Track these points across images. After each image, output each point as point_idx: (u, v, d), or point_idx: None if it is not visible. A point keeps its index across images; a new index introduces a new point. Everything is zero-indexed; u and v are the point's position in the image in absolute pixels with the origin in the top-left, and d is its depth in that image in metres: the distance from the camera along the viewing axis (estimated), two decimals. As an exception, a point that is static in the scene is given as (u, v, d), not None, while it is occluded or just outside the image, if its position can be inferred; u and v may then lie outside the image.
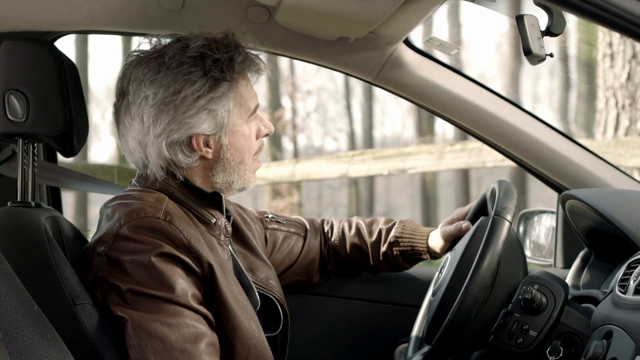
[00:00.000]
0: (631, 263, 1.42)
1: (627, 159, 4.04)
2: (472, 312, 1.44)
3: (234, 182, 1.57)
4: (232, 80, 1.51)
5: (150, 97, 1.48)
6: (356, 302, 2.07)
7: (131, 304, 1.39)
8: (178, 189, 1.53)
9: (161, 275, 1.39)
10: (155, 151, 1.50)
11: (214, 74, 1.49)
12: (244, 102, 1.55)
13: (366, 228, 1.92)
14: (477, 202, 1.81)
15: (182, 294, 1.40)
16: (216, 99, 1.49)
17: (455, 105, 2.03)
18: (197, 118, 1.48)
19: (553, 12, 1.35)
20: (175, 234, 1.43)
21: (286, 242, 1.88)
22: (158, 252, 1.40)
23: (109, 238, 1.43)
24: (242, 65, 1.53)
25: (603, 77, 4.49)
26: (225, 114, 1.51)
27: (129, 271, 1.39)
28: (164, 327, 1.36)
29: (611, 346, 1.28)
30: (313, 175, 5.52)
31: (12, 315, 1.11)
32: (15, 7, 1.73)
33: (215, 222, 1.56)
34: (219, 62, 1.50)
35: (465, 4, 1.67)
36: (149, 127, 1.49)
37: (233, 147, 1.54)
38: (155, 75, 1.48)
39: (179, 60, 1.48)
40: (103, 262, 1.42)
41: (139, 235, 1.41)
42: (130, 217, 1.43)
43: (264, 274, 1.68)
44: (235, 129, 1.54)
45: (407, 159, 4.94)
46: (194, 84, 1.47)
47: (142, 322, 1.37)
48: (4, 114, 1.53)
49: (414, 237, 1.88)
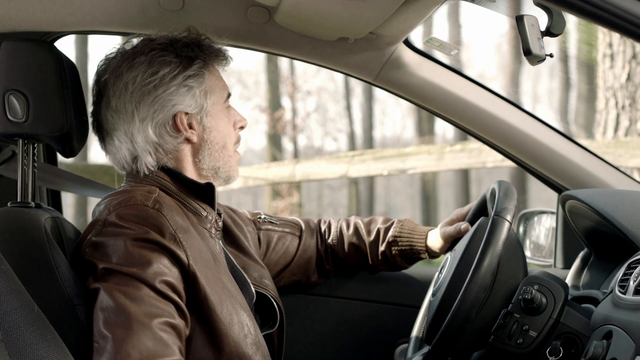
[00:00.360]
0: (631, 263, 1.42)
1: (627, 159, 4.04)
2: (472, 312, 1.44)
3: (220, 169, 1.59)
4: (204, 61, 1.56)
5: (129, 83, 1.52)
6: (356, 302, 2.07)
7: (102, 279, 1.38)
8: (170, 182, 1.54)
9: (136, 256, 1.38)
10: (142, 137, 1.52)
11: (185, 53, 1.54)
12: (219, 87, 1.59)
13: (364, 227, 1.92)
14: (477, 203, 1.81)
15: (153, 276, 1.37)
16: (192, 76, 1.54)
17: (455, 105, 2.03)
18: (177, 94, 1.52)
19: (553, 13, 1.35)
20: (162, 222, 1.43)
21: (280, 242, 1.88)
22: (139, 236, 1.39)
23: (98, 225, 1.44)
24: (210, 50, 1.59)
25: (603, 77, 4.49)
26: (203, 94, 1.55)
27: (108, 251, 1.39)
28: (127, 299, 1.34)
29: (611, 346, 1.28)
30: (313, 175, 5.52)
31: (12, 316, 1.11)
32: (15, 7, 1.74)
33: (206, 215, 1.57)
34: (188, 45, 1.56)
35: (465, 5, 1.67)
36: (132, 112, 1.52)
37: (215, 129, 1.58)
38: (131, 62, 1.53)
39: (150, 47, 1.54)
40: (89, 247, 1.42)
41: (124, 221, 1.41)
42: (119, 205, 1.44)
43: (257, 273, 1.68)
44: (215, 112, 1.58)
45: (407, 159, 4.94)
46: (169, 64, 1.53)
47: (107, 292, 1.35)
48: (4, 114, 1.53)
49: (413, 236, 1.88)
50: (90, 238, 1.43)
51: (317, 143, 16.19)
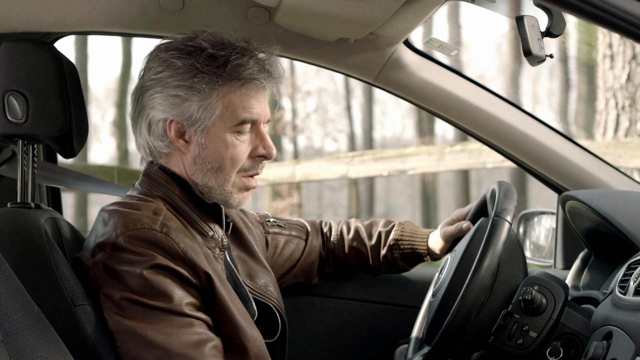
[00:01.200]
0: (631, 264, 1.42)
1: (627, 159, 4.04)
2: (472, 313, 1.44)
3: (213, 189, 1.53)
4: (219, 79, 1.48)
5: (145, 75, 1.53)
6: (356, 303, 2.07)
7: (127, 312, 1.38)
8: (179, 197, 1.52)
9: (156, 285, 1.38)
10: (144, 132, 1.53)
11: (200, 67, 1.48)
12: (232, 109, 1.50)
13: (365, 231, 1.92)
14: (477, 203, 1.81)
15: (179, 302, 1.39)
16: (192, 89, 1.48)
17: (455, 106, 2.03)
18: (165, 101, 1.49)
19: (553, 13, 1.35)
20: (171, 246, 1.41)
21: (287, 246, 1.88)
22: (152, 264, 1.39)
23: (107, 247, 1.41)
24: (237, 70, 1.49)
25: (603, 78, 4.49)
26: (201, 109, 1.48)
27: (126, 281, 1.38)
28: (164, 335, 1.36)
29: (611, 347, 1.28)
30: (313, 176, 5.52)
31: (12, 317, 1.11)
32: (15, 8, 1.74)
33: (212, 235, 1.55)
34: (212, 58, 1.49)
35: (465, 5, 1.67)
36: (142, 106, 1.53)
37: (209, 148, 1.51)
38: (157, 54, 1.52)
39: (178, 47, 1.50)
40: (100, 270, 1.41)
41: (134, 247, 1.40)
42: (127, 228, 1.42)
43: (262, 280, 1.68)
44: (215, 132, 1.50)
45: (407, 159, 4.94)
46: (178, 69, 1.48)
47: (141, 332, 1.36)
48: (4, 115, 1.53)
49: (414, 239, 1.88)
50: (101, 259, 1.41)
51: (317, 144, 16.19)
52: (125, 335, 1.37)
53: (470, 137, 2.15)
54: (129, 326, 1.37)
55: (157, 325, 1.36)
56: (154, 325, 1.36)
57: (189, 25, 1.82)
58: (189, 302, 1.40)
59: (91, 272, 1.42)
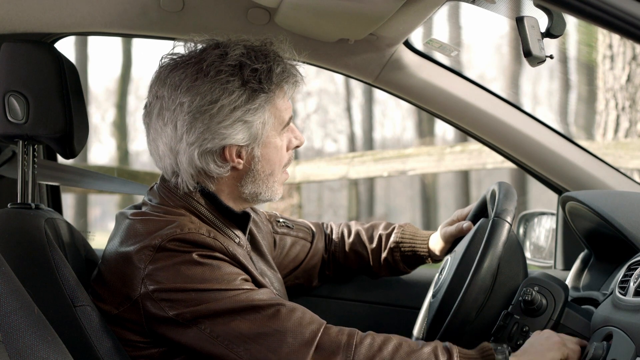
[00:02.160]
0: (631, 265, 1.42)
1: (627, 160, 4.04)
2: (472, 313, 1.44)
3: (261, 194, 1.55)
4: (270, 92, 1.48)
5: (185, 104, 1.44)
6: (356, 303, 2.07)
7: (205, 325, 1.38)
8: (205, 207, 1.51)
9: (213, 270, 1.40)
10: (187, 159, 1.46)
11: (252, 85, 1.46)
12: (279, 114, 1.52)
13: (366, 234, 1.92)
14: (477, 204, 1.81)
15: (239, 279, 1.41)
16: (253, 110, 1.46)
17: (455, 106, 2.03)
18: (232, 129, 1.45)
19: (553, 14, 1.35)
20: (221, 248, 1.43)
21: (294, 247, 1.88)
22: (202, 253, 1.40)
23: (149, 251, 1.40)
24: (280, 77, 1.50)
25: (603, 78, 4.49)
26: (260, 126, 1.48)
27: (184, 271, 1.38)
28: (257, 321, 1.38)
29: (611, 348, 1.28)
30: (313, 176, 5.51)
31: (12, 317, 1.11)
32: (15, 8, 1.74)
33: (239, 242, 1.55)
34: (257, 72, 1.47)
35: (465, 6, 1.67)
36: (182, 134, 1.45)
37: (264, 158, 1.52)
38: (192, 82, 1.45)
39: (217, 68, 1.45)
40: (147, 276, 1.39)
41: (181, 247, 1.40)
42: (174, 233, 1.41)
43: (270, 279, 1.69)
44: (269, 141, 1.51)
45: (407, 160, 4.94)
46: (231, 94, 1.44)
47: (232, 332, 1.38)
48: (4, 115, 1.53)
49: (415, 241, 1.88)
50: (147, 266, 1.40)
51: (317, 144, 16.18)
52: (216, 344, 1.38)
53: (470, 137, 2.15)
54: (217, 334, 1.38)
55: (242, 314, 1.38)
56: (240, 317, 1.38)
57: (189, 26, 1.82)
58: (247, 279, 1.43)
59: (140, 283, 1.40)
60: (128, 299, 1.41)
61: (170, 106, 1.46)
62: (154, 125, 1.49)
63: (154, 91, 1.50)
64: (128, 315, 1.42)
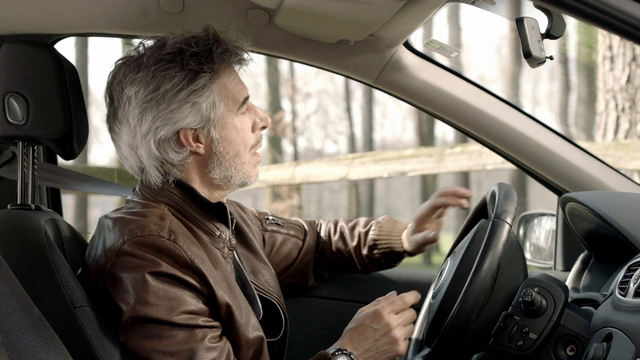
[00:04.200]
0: (631, 266, 1.42)
1: (627, 161, 4.04)
2: (472, 314, 1.44)
3: (233, 177, 1.55)
4: (213, 72, 1.49)
5: (132, 97, 1.47)
6: (356, 304, 2.07)
7: (131, 333, 1.38)
8: (183, 200, 1.51)
9: (157, 294, 1.38)
10: (146, 152, 1.48)
11: (192, 67, 1.47)
12: (231, 94, 1.53)
13: (349, 233, 1.93)
14: (477, 205, 1.81)
15: (179, 312, 1.39)
16: (197, 91, 1.47)
17: (455, 107, 2.03)
18: (179, 112, 1.47)
19: (553, 15, 1.35)
20: (179, 254, 1.41)
21: (285, 245, 1.88)
22: (155, 270, 1.38)
23: (112, 254, 1.41)
24: (223, 57, 1.51)
25: (603, 79, 4.49)
26: (209, 107, 1.49)
27: (129, 288, 1.38)
28: (167, 356, 1.36)
29: (611, 349, 1.28)
30: (313, 177, 5.52)
31: (12, 318, 1.11)
32: (15, 9, 1.74)
33: (219, 234, 1.54)
34: (197, 55, 1.48)
35: (465, 7, 1.67)
36: (135, 128, 1.47)
37: (225, 140, 1.52)
38: (134, 76, 1.48)
39: (157, 57, 1.48)
40: (106, 278, 1.40)
41: (141, 252, 1.39)
42: (134, 234, 1.41)
43: (265, 276, 1.68)
44: (225, 122, 1.52)
45: (407, 161, 4.94)
46: (172, 78, 1.46)
47: (145, 354, 1.37)
48: (4, 116, 1.53)
49: (391, 238, 1.89)
50: (107, 268, 1.40)
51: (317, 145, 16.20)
52: (132, 357, 1.37)
53: (470, 138, 2.15)
54: (135, 348, 1.37)
55: (160, 343, 1.37)
56: (157, 344, 1.37)
57: (189, 26, 1.82)
58: (193, 311, 1.40)
59: (100, 282, 1.41)
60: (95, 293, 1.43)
61: (120, 104, 1.49)
62: (113, 128, 1.52)
63: (108, 96, 1.53)
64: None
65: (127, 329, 1.38)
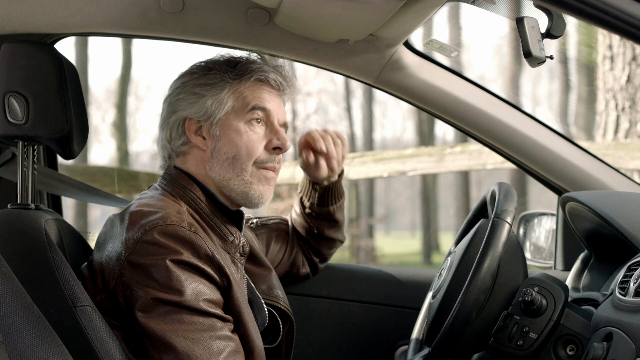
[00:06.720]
0: (631, 265, 1.42)
1: (627, 161, 4.04)
2: (472, 314, 1.44)
3: (232, 181, 1.56)
4: (230, 74, 1.58)
5: (173, 85, 1.64)
6: (356, 304, 2.07)
7: (154, 314, 1.38)
8: (203, 201, 1.54)
9: (180, 280, 1.38)
10: (159, 133, 1.62)
11: (215, 67, 1.59)
12: (242, 98, 1.58)
13: (296, 205, 1.99)
14: (477, 205, 1.81)
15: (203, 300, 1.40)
16: (206, 85, 1.57)
17: (455, 107, 2.03)
18: (184, 101, 1.58)
19: (553, 15, 1.35)
20: (200, 244, 1.42)
21: (275, 241, 1.93)
22: (178, 258, 1.39)
23: (131, 243, 1.41)
24: (246, 66, 1.59)
25: (603, 79, 4.49)
26: (215, 103, 1.56)
27: (152, 274, 1.38)
28: (188, 341, 1.37)
29: (611, 348, 1.28)
30: (313, 177, 5.50)
31: (12, 318, 1.11)
32: (15, 9, 1.74)
33: (232, 240, 1.56)
34: (228, 62, 1.61)
35: (465, 7, 1.67)
36: (162, 112, 1.64)
37: (225, 139, 1.56)
38: (176, 80, 1.64)
39: (198, 66, 1.63)
40: (124, 267, 1.40)
41: (163, 240, 1.40)
42: (156, 224, 1.42)
43: (270, 284, 1.70)
44: (229, 122, 1.57)
45: (407, 161, 4.93)
46: (193, 74, 1.60)
47: (164, 336, 1.37)
48: (4, 116, 1.53)
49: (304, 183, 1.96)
50: (126, 256, 1.41)
51: (317, 145, 16.17)
52: (151, 339, 1.38)
53: (470, 138, 2.15)
54: (153, 328, 1.37)
55: (181, 328, 1.37)
56: (178, 328, 1.37)
57: (189, 26, 1.82)
58: (212, 300, 1.41)
59: (117, 271, 1.41)
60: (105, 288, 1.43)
61: None
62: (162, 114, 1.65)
63: None
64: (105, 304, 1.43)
65: (148, 310, 1.38)
